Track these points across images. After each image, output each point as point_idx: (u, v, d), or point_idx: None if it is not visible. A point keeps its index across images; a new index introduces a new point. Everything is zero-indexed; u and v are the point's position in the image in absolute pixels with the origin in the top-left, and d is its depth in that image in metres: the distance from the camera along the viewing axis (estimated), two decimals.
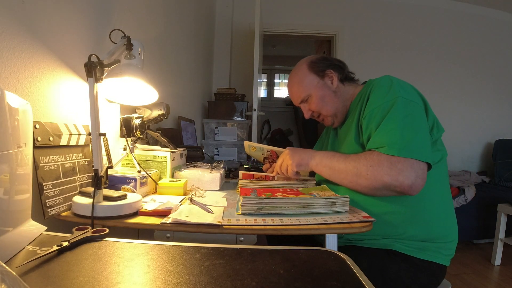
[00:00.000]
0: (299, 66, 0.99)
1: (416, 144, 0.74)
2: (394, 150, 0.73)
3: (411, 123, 0.76)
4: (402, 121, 0.75)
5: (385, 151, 0.74)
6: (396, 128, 0.75)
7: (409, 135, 0.74)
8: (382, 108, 0.78)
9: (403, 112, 0.76)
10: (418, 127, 0.76)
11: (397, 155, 0.73)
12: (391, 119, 0.76)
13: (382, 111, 0.78)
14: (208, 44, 2.76)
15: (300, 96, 0.97)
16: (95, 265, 0.41)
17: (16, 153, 0.50)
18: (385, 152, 0.74)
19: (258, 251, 0.47)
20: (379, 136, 0.77)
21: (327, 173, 0.85)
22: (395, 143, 0.74)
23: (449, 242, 0.81)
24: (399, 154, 0.72)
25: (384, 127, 0.77)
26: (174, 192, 0.84)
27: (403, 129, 0.75)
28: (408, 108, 0.77)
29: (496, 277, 1.89)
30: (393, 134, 0.75)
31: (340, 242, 0.82)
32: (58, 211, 0.63)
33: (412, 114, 0.77)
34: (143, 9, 1.24)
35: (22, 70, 0.61)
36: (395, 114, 0.76)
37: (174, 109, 1.64)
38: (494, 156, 2.95)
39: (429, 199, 0.80)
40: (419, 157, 0.73)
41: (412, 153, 0.72)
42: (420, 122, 0.77)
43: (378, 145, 0.76)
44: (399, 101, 0.77)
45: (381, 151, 0.75)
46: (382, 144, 0.75)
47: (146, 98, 0.89)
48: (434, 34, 3.19)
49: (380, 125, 0.77)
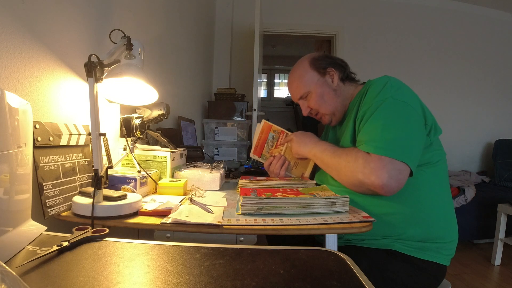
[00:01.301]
0: (301, 62, 0.99)
1: (396, 144, 0.73)
2: (371, 148, 0.74)
3: (395, 123, 0.75)
4: (385, 120, 0.76)
5: (362, 148, 0.76)
6: (378, 127, 0.75)
7: (389, 135, 0.74)
8: (372, 108, 0.79)
9: (389, 112, 0.76)
10: (403, 128, 0.75)
11: (372, 152, 0.73)
12: (375, 118, 0.77)
13: (371, 111, 0.79)
14: (208, 44, 2.76)
15: (299, 92, 0.97)
16: (95, 265, 0.41)
17: (16, 153, 0.50)
18: (363, 149, 0.76)
19: (258, 251, 0.47)
20: (361, 134, 0.79)
21: (320, 165, 0.91)
22: (373, 141, 0.74)
23: (449, 242, 0.81)
24: (375, 151, 0.73)
25: (367, 125, 0.78)
26: (174, 192, 0.84)
27: (384, 128, 0.75)
28: (396, 108, 0.77)
29: (496, 277, 1.89)
30: (374, 132, 0.75)
31: (340, 242, 0.82)
32: (58, 211, 0.63)
33: (399, 115, 0.76)
34: (143, 9, 1.24)
35: (22, 70, 0.61)
36: (381, 113, 0.77)
37: (174, 109, 1.64)
38: (494, 156, 2.95)
39: (429, 199, 0.80)
40: (396, 156, 0.71)
41: (388, 152, 0.72)
42: (407, 123, 0.76)
43: (359, 142, 0.79)
44: (388, 101, 0.77)
45: (360, 148, 0.76)
46: (361, 142, 0.77)
47: (146, 98, 0.89)
48: (434, 34, 3.19)
49: (365, 124, 0.78)
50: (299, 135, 0.99)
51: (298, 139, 0.98)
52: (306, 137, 0.97)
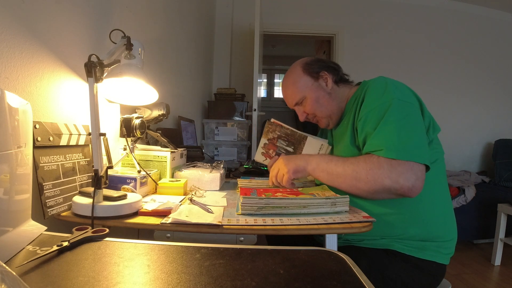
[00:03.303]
0: (293, 68, 0.98)
1: (414, 146, 0.73)
2: (393, 153, 0.73)
3: (408, 125, 0.75)
4: (398, 123, 0.75)
5: (383, 154, 0.73)
6: (393, 131, 0.75)
7: (406, 137, 0.74)
8: (378, 110, 0.78)
9: (399, 114, 0.76)
10: (415, 129, 0.76)
11: (395, 157, 0.72)
12: (387, 122, 0.76)
13: (378, 113, 0.78)
14: (208, 44, 2.76)
15: (295, 98, 0.96)
16: (95, 265, 0.41)
17: (16, 153, 0.50)
18: (384, 155, 0.73)
19: (258, 251, 0.47)
20: (377, 139, 0.76)
21: (325, 178, 0.83)
22: (393, 145, 0.73)
23: (449, 241, 0.82)
24: (398, 156, 0.72)
25: (381, 129, 0.76)
26: (174, 192, 0.84)
27: (400, 131, 0.74)
28: (404, 109, 0.77)
29: (496, 277, 1.89)
30: (391, 136, 0.74)
31: (340, 242, 0.82)
32: (58, 211, 0.63)
33: (408, 116, 0.76)
34: (144, 9, 1.24)
35: (22, 70, 0.61)
36: (391, 116, 0.76)
37: (174, 109, 1.64)
38: (494, 156, 2.95)
39: (427, 199, 0.80)
40: (417, 159, 0.72)
41: (410, 155, 0.72)
42: (416, 123, 0.77)
43: (376, 147, 0.75)
44: (395, 103, 0.77)
45: (379, 154, 0.74)
46: (380, 147, 0.75)
47: (146, 98, 0.89)
48: (434, 34, 3.19)
49: (377, 128, 0.77)
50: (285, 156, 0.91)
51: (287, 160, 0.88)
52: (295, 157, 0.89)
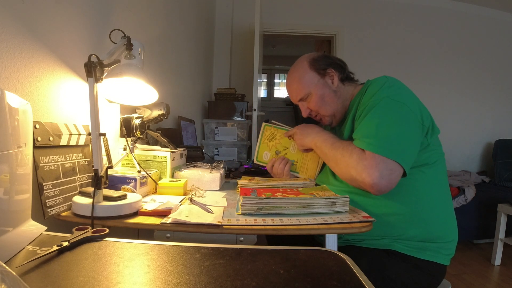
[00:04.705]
0: (299, 62, 0.97)
1: (389, 143, 0.73)
2: (364, 144, 0.74)
3: (390, 122, 0.76)
4: (379, 119, 0.76)
5: (356, 143, 0.77)
6: (372, 125, 0.76)
7: (383, 133, 0.74)
8: (369, 107, 0.79)
9: (385, 111, 0.77)
10: (397, 128, 0.75)
11: (366, 149, 0.73)
12: (370, 116, 0.78)
13: (368, 109, 0.79)
14: (208, 44, 2.76)
15: (299, 94, 0.96)
16: (95, 265, 0.41)
17: (16, 153, 0.50)
18: (356, 144, 0.77)
19: (258, 251, 0.47)
20: (357, 130, 0.80)
21: (320, 155, 0.93)
22: (367, 137, 0.75)
23: (449, 242, 0.81)
24: (368, 148, 0.73)
25: (363, 122, 0.79)
26: (174, 192, 0.84)
27: (379, 126, 0.75)
28: (392, 108, 0.77)
29: (496, 277, 1.89)
30: (369, 129, 0.76)
31: (340, 242, 0.82)
32: (58, 211, 0.63)
33: (395, 115, 0.76)
34: (143, 9, 1.24)
35: (22, 70, 0.61)
36: (376, 112, 0.78)
37: (174, 109, 1.64)
38: (494, 156, 2.95)
39: (428, 199, 0.80)
40: (389, 155, 0.71)
41: (381, 150, 0.72)
42: (402, 123, 0.76)
43: (355, 136, 0.80)
44: (384, 101, 0.78)
45: (355, 144, 0.77)
46: (356, 136, 0.78)
47: (146, 98, 0.89)
48: (434, 34, 3.19)
49: (361, 121, 0.79)
50: (301, 127, 1.00)
51: (301, 131, 0.99)
52: (309, 127, 0.98)
